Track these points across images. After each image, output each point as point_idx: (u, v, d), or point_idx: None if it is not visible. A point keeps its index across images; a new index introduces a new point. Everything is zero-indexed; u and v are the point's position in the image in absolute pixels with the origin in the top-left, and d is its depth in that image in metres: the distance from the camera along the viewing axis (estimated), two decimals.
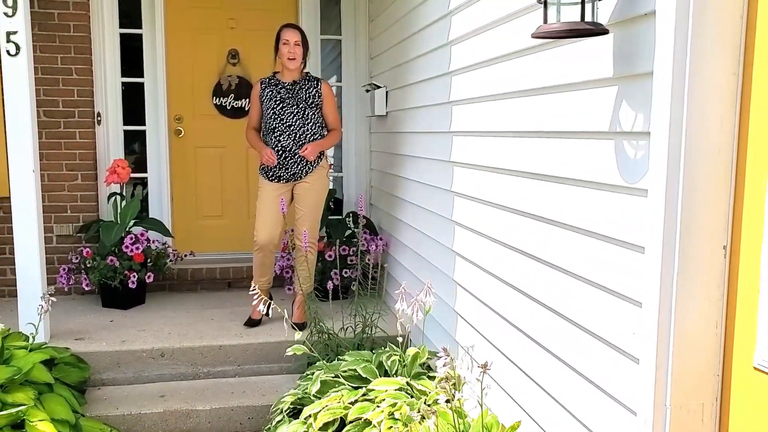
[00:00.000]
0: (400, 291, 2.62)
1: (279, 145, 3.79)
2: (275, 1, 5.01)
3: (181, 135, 4.98)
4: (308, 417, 2.80)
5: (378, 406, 2.75)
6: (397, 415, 2.66)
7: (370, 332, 3.59)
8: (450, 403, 2.45)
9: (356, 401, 2.80)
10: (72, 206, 4.66)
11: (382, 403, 2.74)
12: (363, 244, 4.47)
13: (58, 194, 4.61)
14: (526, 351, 2.22)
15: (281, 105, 3.78)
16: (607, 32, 1.58)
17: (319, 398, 2.90)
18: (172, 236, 4.71)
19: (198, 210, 5.09)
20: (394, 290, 4.07)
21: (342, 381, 2.96)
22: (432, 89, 3.33)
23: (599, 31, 1.56)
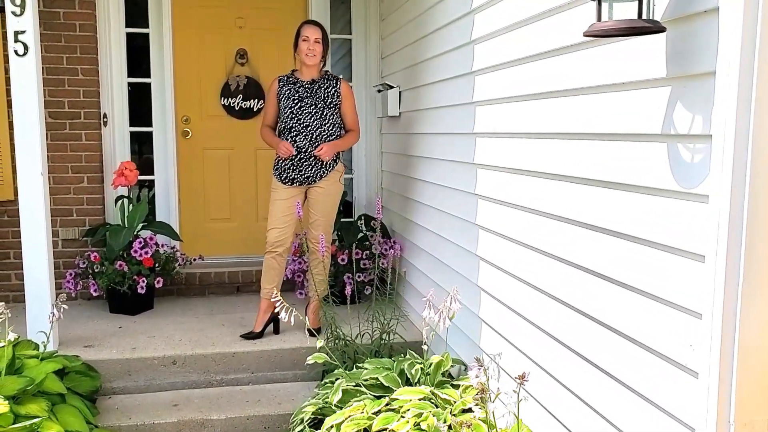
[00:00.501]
0: (427, 298, 2.54)
1: (295, 146, 3.70)
2: (284, 0, 4.92)
3: (189, 136, 4.89)
4: (330, 428, 2.72)
5: (403, 417, 2.67)
6: (423, 426, 2.59)
7: (388, 338, 3.51)
8: (480, 412, 2.37)
9: (380, 411, 2.72)
10: (78, 209, 4.56)
11: (407, 414, 2.66)
12: (376, 248, 4.39)
13: (64, 197, 4.52)
14: (565, 361, 2.14)
15: (299, 104, 3.69)
16: (665, 30, 1.51)
17: (341, 408, 2.82)
18: (181, 240, 4.62)
19: (206, 213, 5.00)
20: (410, 294, 4.01)
21: (364, 390, 2.88)
22: (452, 89, 3.25)
23: (657, 29, 1.48)
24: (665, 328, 1.64)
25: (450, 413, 2.68)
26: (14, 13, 3.31)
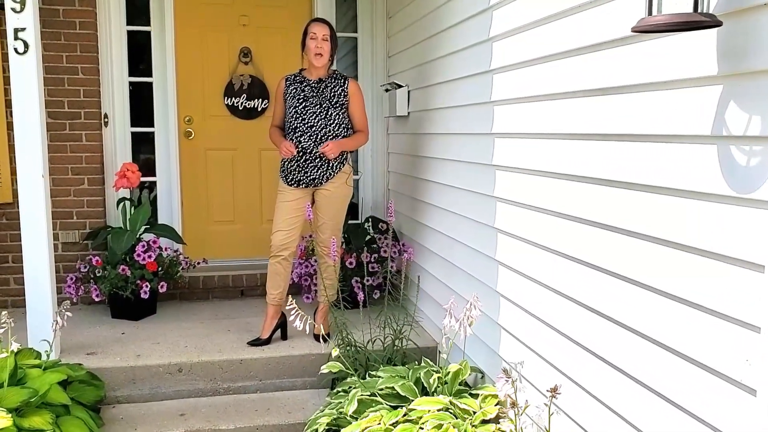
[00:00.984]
0: (448, 306, 2.44)
1: (299, 146, 3.60)
2: None
3: (191, 137, 4.78)
4: None
5: (422, 428, 2.57)
6: None
7: (401, 345, 3.41)
8: (508, 426, 2.28)
9: (397, 423, 2.62)
10: (78, 212, 4.45)
11: (426, 425, 2.57)
12: (385, 251, 4.29)
13: (64, 199, 4.40)
14: (599, 374, 2.04)
15: (304, 104, 3.58)
16: (721, 24, 1.41)
17: (356, 419, 2.72)
18: (185, 243, 4.51)
19: (209, 215, 4.89)
20: (421, 299, 3.91)
21: (379, 400, 2.78)
22: (467, 88, 3.15)
23: (714, 24, 1.38)
24: (717, 342, 1.54)
25: (470, 424, 2.59)
26: (14, 10, 3.19)
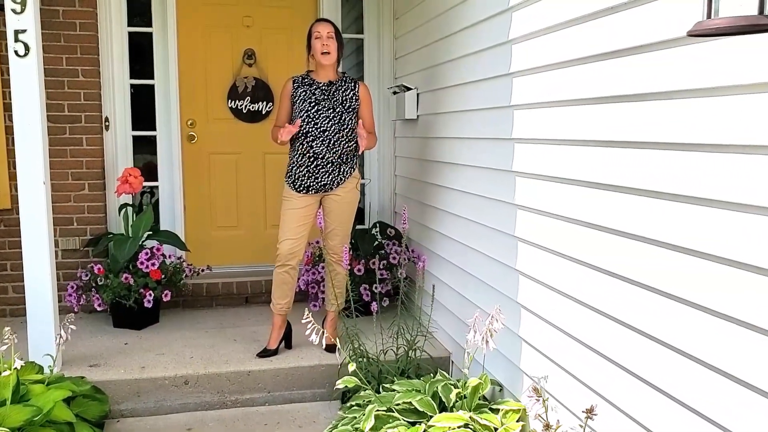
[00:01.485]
0: (472, 321, 2.34)
1: (311, 152, 3.49)
2: None
3: (194, 140, 4.67)
4: None
5: None
6: None
7: (414, 355, 3.31)
8: None
9: None
10: (78, 218, 4.33)
11: None
12: (395, 257, 4.19)
13: (64, 205, 4.29)
14: (635, 392, 1.95)
15: (316, 107, 3.48)
16: None
17: None
18: (189, 250, 4.40)
19: (212, 220, 4.78)
20: (432, 307, 3.80)
21: (396, 416, 2.68)
22: (484, 92, 3.06)
23: None
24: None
25: None
26: (14, 11, 3.08)
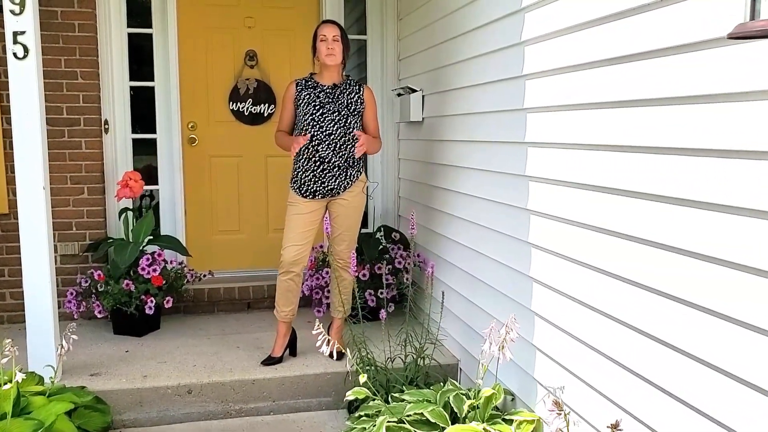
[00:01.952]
0: (488, 332, 2.27)
1: (317, 156, 3.42)
2: None
3: (195, 143, 4.59)
4: None
5: None
6: None
7: (423, 363, 3.24)
8: None
9: None
10: (77, 223, 4.25)
11: None
12: (399, 262, 4.13)
13: (63, 210, 4.21)
14: (663, 409, 1.88)
15: (321, 111, 3.41)
16: None
17: None
18: (190, 255, 4.32)
19: (213, 224, 4.70)
20: (438, 312, 3.73)
21: (408, 427, 2.61)
22: (494, 94, 2.99)
23: None
24: None
25: None
26: (12, 12, 3.01)
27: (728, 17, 1.57)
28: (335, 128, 3.39)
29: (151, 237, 4.06)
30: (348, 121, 3.41)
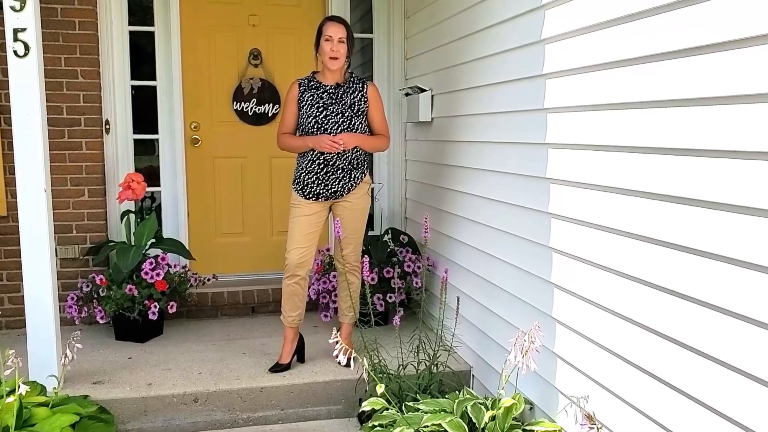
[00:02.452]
0: (513, 341, 2.18)
1: (321, 158, 3.33)
2: None
3: (198, 144, 4.49)
4: None
5: None
6: None
7: (437, 371, 3.15)
8: None
9: None
10: (78, 225, 4.15)
11: None
12: (408, 265, 4.04)
13: (63, 212, 4.10)
14: (690, 417, 1.80)
15: (324, 112, 3.31)
16: None
17: None
18: (194, 258, 4.22)
19: (217, 227, 4.60)
20: (450, 317, 3.64)
21: None
22: (511, 94, 2.90)
23: None
24: None
25: None
26: (13, 9, 2.90)
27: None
28: (339, 131, 3.30)
29: (154, 240, 3.96)
30: (352, 123, 3.32)
